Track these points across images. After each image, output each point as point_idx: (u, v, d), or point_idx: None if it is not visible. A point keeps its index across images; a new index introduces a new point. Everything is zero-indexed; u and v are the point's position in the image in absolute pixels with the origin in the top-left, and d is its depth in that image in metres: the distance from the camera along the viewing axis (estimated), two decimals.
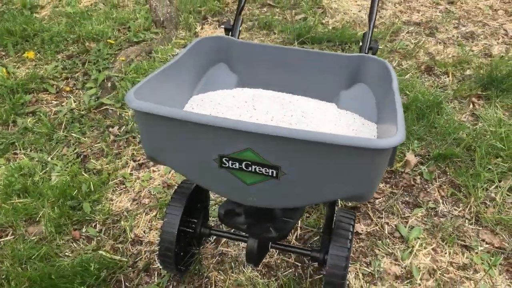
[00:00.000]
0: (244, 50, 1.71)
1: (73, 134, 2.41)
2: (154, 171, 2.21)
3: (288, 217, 1.54)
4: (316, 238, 1.89)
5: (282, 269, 1.79)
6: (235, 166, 1.19)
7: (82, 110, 2.56)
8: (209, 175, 1.26)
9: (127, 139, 2.37)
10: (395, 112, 1.27)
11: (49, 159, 2.28)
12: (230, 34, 1.79)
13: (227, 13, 3.42)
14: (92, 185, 2.10)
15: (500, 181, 2.07)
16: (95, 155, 2.31)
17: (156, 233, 1.92)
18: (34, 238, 1.89)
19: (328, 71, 1.65)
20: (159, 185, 2.14)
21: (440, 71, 2.73)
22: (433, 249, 1.84)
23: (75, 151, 2.32)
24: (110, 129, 2.42)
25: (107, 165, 2.24)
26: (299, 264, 1.81)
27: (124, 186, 2.15)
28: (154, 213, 2.01)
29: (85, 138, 2.40)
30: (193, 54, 1.61)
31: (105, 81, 2.72)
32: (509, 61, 2.73)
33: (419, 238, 1.87)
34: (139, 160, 2.27)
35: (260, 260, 1.65)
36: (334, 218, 1.59)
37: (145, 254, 1.85)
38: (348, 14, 3.36)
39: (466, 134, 2.27)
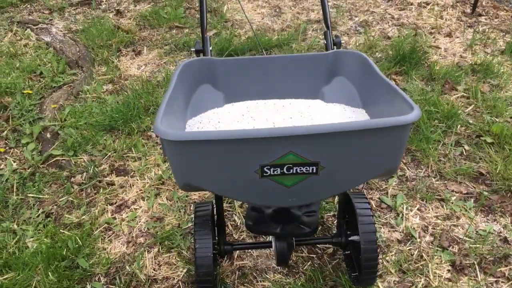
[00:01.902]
0: (226, 67, 1.77)
1: (30, 195, 2.23)
2: (135, 208, 2.15)
3: (311, 210, 1.65)
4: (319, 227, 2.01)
5: (301, 265, 1.88)
6: (277, 172, 1.27)
7: (29, 168, 2.37)
8: (249, 187, 1.32)
9: (95, 185, 2.26)
10: (388, 93, 1.46)
11: (16, 226, 2.08)
12: (202, 55, 1.84)
13: (139, 42, 3.38)
14: (79, 240, 1.97)
15: (444, 139, 2.40)
16: (64, 210, 2.16)
17: (167, 267, 1.89)
18: None
19: (308, 71, 1.79)
20: (147, 221, 2.09)
21: None
22: (418, 209, 2.08)
23: (40, 211, 2.15)
24: (72, 179, 2.29)
25: (84, 216, 2.12)
26: (314, 256, 1.92)
27: (111, 232, 2.06)
28: (157, 249, 1.96)
29: (45, 195, 2.23)
30: (182, 79, 1.63)
31: (43, 132, 2.54)
32: (405, 40, 3.13)
33: (403, 204, 2.10)
34: (115, 203, 2.18)
35: (289, 259, 1.73)
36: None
37: None
38: (254, 23, 3.55)
39: None
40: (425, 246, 1.92)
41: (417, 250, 1.90)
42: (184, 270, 1.87)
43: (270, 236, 1.78)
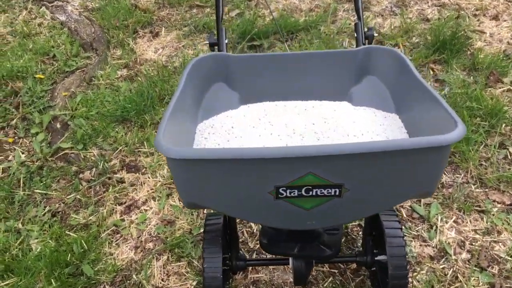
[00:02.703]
0: (242, 64, 1.58)
1: (36, 191, 2.11)
2: (145, 210, 2.01)
3: (333, 229, 1.47)
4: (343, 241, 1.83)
5: (321, 281, 1.72)
6: (294, 194, 1.09)
7: (37, 161, 2.25)
8: (263, 209, 1.15)
9: (104, 182, 2.13)
10: (425, 100, 1.26)
11: (20, 225, 1.98)
12: (217, 49, 1.65)
13: (157, 22, 3.19)
14: (84, 244, 1.85)
15: (487, 140, 2.16)
16: (71, 208, 2.04)
17: (176, 278, 1.75)
18: None
19: (334, 70, 1.58)
20: (157, 224, 1.95)
21: (391, 44, 2.78)
22: (454, 221, 1.87)
23: (46, 210, 2.03)
24: (80, 175, 2.16)
25: (91, 217, 1.99)
26: (336, 271, 1.75)
27: (119, 235, 1.93)
28: (166, 257, 1.83)
29: (52, 192, 2.11)
30: (192, 79, 1.45)
31: (52, 122, 2.41)
32: (446, 23, 2.84)
33: (437, 214, 1.89)
34: (125, 203, 2.05)
35: (308, 279, 1.57)
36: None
37: None
38: (280, 2, 3.30)
39: None
40: (461, 265, 1.72)
41: (451, 269, 1.71)
42: (194, 283, 1.73)
43: None
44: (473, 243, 1.79)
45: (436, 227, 1.85)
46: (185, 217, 1.96)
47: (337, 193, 1.08)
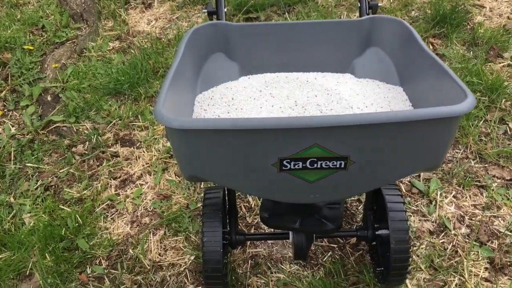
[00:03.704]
0: (243, 34, 1.52)
1: (28, 164, 2.06)
2: (141, 184, 1.97)
3: (334, 203, 1.44)
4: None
5: (320, 255, 1.70)
6: (298, 166, 1.06)
7: (27, 134, 2.19)
8: (266, 182, 1.12)
9: (97, 156, 2.08)
10: (433, 71, 1.23)
11: (12, 199, 1.93)
12: (216, 17, 1.60)
13: None
14: (79, 218, 1.81)
15: (487, 115, 2.14)
16: (65, 183, 2.00)
17: (173, 253, 1.73)
18: None
19: (337, 40, 1.53)
20: (153, 199, 1.92)
21: None
22: (454, 196, 1.86)
23: (39, 184, 1.98)
24: (73, 149, 2.11)
25: (85, 191, 1.95)
26: (335, 246, 1.73)
27: (115, 209, 1.89)
28: (163, 231, 1.79)
29: (44, 166, 2.06)
30: (191, 48, 1.40)
31: (43, 95, 2.34)
32: None
33: (437, 189, 1.87)
34: (119, 177, 2.01)
35: (308, 253, 1.55)
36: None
37: (171, 279, 1.65)
38: None
39: None
40: (460, 240, 1.71)
41: (451, 244, 1.70)
42: (192, 257, 1.71)
43: None
44: (473, 218, 1.79)
45: (436, 202, 1.83)
46: (182, 191, 1.92)
47: (342, 166, 1.05)
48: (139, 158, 2.07)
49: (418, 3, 2.84)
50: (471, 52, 2.46)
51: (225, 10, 1.60)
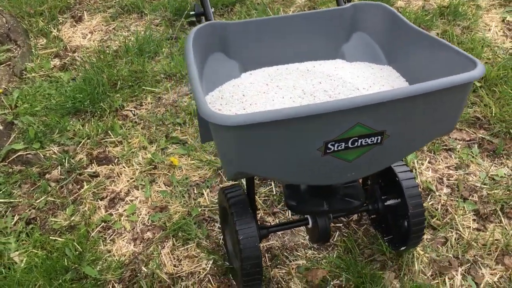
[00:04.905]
0: (239, 31, 1.54)
1: None
2: (131, 200, 1.90)
3: (351, 182, 1.53)
4: None
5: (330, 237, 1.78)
6: (341, 147, 1.14)
7: None
8: (309, 168, 1.18)
9: (76, 180, 1.95)
10: (428, 47, 1.36)
11: None
12: (204, 19, 1.60)
13: (76, 6, 2.94)
14: (77, 246, 1.70)
15: None
16: (47, 212, 1.85)
17: (188, 261, 1.70)
18: None
19: (325, 29, 1.62)
20: (148, 212, 1.85)
21: None
22: (429, 162, 2.05)
23: (17, 218, 1.82)
24: (46, 176, 1.95)
25: (73, 217, 1.82)
26: (340, 225, 1.82)
27: (111, 230, 1.80)
28: (170, 243, 1.75)
29: (16, 199, 1.89)
30: (196, 49, 1.40)
31: None
32: None
33: (413, 158, 2.05)
34: (106, 197, 1.90)
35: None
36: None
37: (195, 287, 1.62)
38: None
39: None
40: (445, 199, 1.90)
41: (439, 204, 1.88)
42: (210, 262, 1.69)
43: None
44: (450, 179, 1.98)
45: (415, 169, 2.00)
46: (177, 200, 1.88)
47: (378, 141, 1.14)
48: (121, 174, 1.98)
49: None
50: None
51: (212, 10, 1.61)
